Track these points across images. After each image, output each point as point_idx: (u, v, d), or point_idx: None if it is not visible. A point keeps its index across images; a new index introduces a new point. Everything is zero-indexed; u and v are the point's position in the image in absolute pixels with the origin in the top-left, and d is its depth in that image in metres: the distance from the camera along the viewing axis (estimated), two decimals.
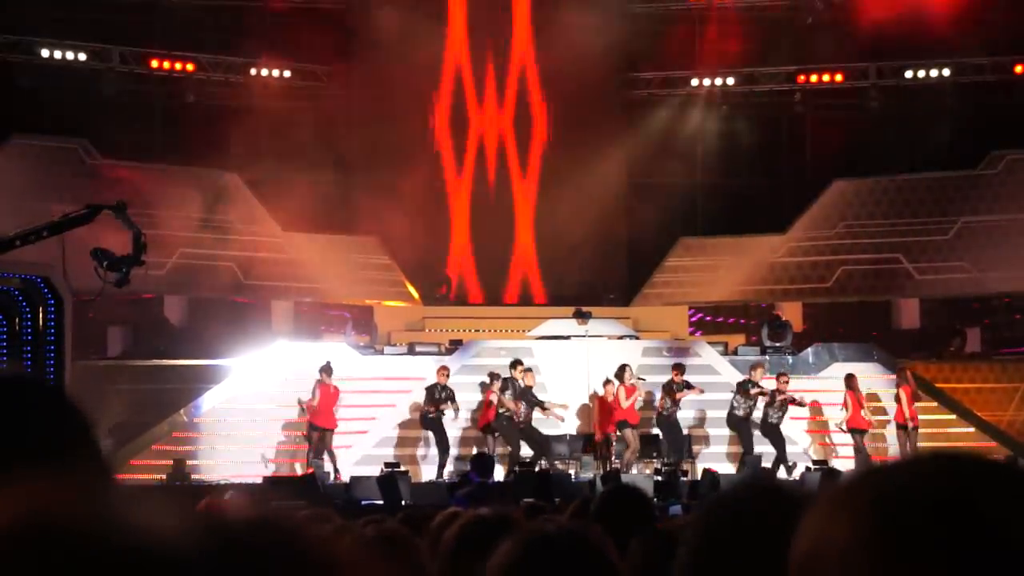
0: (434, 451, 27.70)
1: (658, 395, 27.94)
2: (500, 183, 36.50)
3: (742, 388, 27.83)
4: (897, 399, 28.17)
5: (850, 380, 28.11)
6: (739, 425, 27.81)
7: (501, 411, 27.37)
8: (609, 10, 36.41)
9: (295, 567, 1.10)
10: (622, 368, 27.56)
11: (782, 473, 26.98)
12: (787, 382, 28.01)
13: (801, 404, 28.17)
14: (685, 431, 28.22)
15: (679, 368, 27.95)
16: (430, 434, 27.85)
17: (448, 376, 27.74)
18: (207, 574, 1.06)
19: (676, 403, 27.62)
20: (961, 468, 1.39)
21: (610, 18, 36.43)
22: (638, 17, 37.15)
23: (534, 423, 27.79)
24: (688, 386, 27.64)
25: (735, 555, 2.42)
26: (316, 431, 27.31)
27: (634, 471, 26.69)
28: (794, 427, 28.58)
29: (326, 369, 27.50)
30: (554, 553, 3.16)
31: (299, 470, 27.36)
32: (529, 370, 27.81)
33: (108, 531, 1.06)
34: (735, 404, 27.77)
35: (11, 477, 1.40)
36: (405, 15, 35.25)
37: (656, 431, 28.05)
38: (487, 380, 27.82)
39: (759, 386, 27.70)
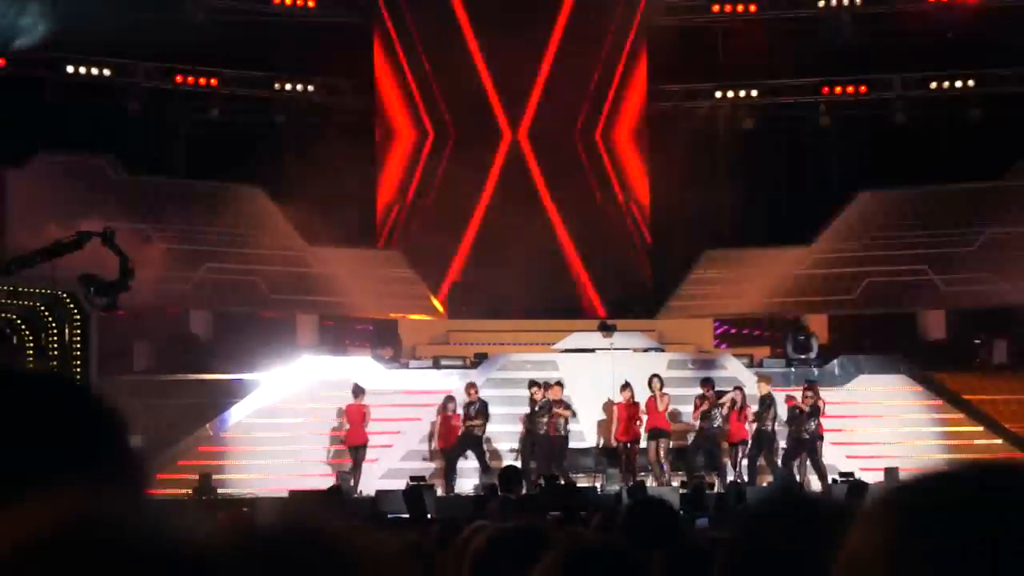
0: (464, 464, 27.63)
1: (690, 409, 27.87)
2: (526, 196, 36.49)
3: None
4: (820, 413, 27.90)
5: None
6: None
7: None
8: (633, 22, 36.51)
9: (327, 572, 1.11)
10: (651, 378, 27.53)
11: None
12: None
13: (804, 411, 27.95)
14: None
15: (708, 383, 27.86)
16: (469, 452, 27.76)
17: (477, 391, 27.75)
18: None
19: (708, 418, 27.54)
20: (995, 478, 1.38)
21: (634, 30, 36.55)
22: (663, 29, 37.16)
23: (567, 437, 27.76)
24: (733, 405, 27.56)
25: (773, 568, 2.42)
26: (350, 449, 27.51)
27: (674, 483, 26.63)
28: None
29: (353, 390, 27.57)
30: (595, 567, 3.16)
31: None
32: (546, 384, 27.79)
33: (145, 539, 1.07)
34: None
35: (45, 485, 1.40)
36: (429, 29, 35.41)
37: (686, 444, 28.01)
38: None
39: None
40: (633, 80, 37.43)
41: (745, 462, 27.55)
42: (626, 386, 27.64)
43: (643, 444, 27.68)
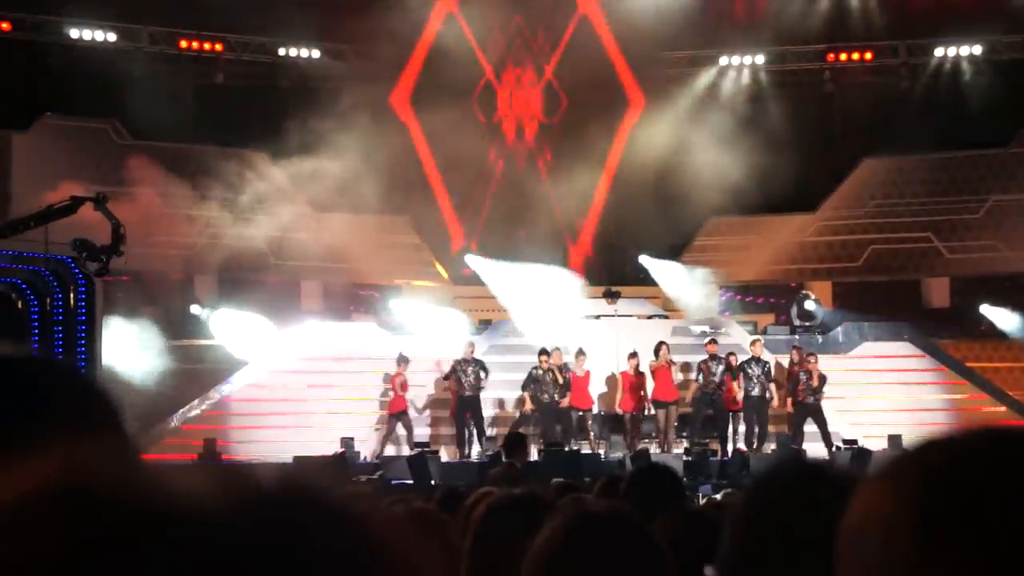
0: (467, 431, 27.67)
1: (693, 375, 27.85)
2: (531, 162, 36.47)
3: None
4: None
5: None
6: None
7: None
8: None
9: (330, 533, 1.10)
10: (658, 346, 27.48)
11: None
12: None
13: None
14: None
15: (713, 342, 27.83)
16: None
17: (473, 350, 27.75)
18: (242, 537, 1.07)
19: (710, 382, 27.45)
20: (1002, 442, 1.38)
21: None
22: None
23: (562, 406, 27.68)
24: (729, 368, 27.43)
25: (780, 535, 2.41)
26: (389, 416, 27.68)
27: (675, 450, 26.61)
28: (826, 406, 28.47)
29: (397, 359, 27.65)
30: (599, 532, 3.16)
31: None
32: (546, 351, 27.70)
33: (142, 494, 1.07)
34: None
35: (39, 448, 1.41)
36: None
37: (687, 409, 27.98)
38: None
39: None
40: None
41: (743, 428, 27.56)
42: (633, 355, 27.58)
43: (652, 411, 27.63)
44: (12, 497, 1.08)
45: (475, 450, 27.20)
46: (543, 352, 27.44)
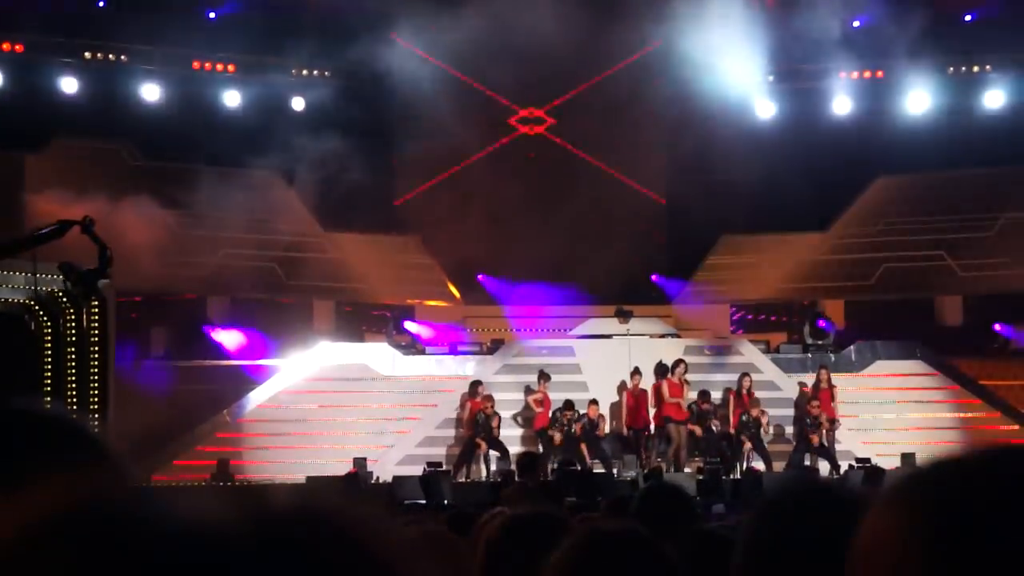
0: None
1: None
2: (544, 181, 36.47)
3: None
4: (833, 396, 28.01)
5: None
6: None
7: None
8: (652, 7, 36.42)
9: (341, 555, 1.11)
10: (676, 363, 27.51)
11: None
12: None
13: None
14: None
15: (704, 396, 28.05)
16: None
17: (493, 406, 27.59)
18: (253, 558, 1.07)
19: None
20: (1012, 462, 1.38)
21: (652, 15, 36.47)
22: (679, 14, 37.03)
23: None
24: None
25: (790, 555, 2.42)
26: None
27: (686, 469, 26.60)
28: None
29: (537, 376, 27.67)
30: (612, 552, 3.16)
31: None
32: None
33: (150, 517, 1.07)
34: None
35: (42, 479, 1.42)
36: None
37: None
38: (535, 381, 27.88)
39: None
40: (649, 64, 37.35)
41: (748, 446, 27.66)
42: (637, 373, 27.68)
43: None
44: (16, 522, 1.09)
45: (489, 470, 27.19)
46: (542, 376, 27.67)
